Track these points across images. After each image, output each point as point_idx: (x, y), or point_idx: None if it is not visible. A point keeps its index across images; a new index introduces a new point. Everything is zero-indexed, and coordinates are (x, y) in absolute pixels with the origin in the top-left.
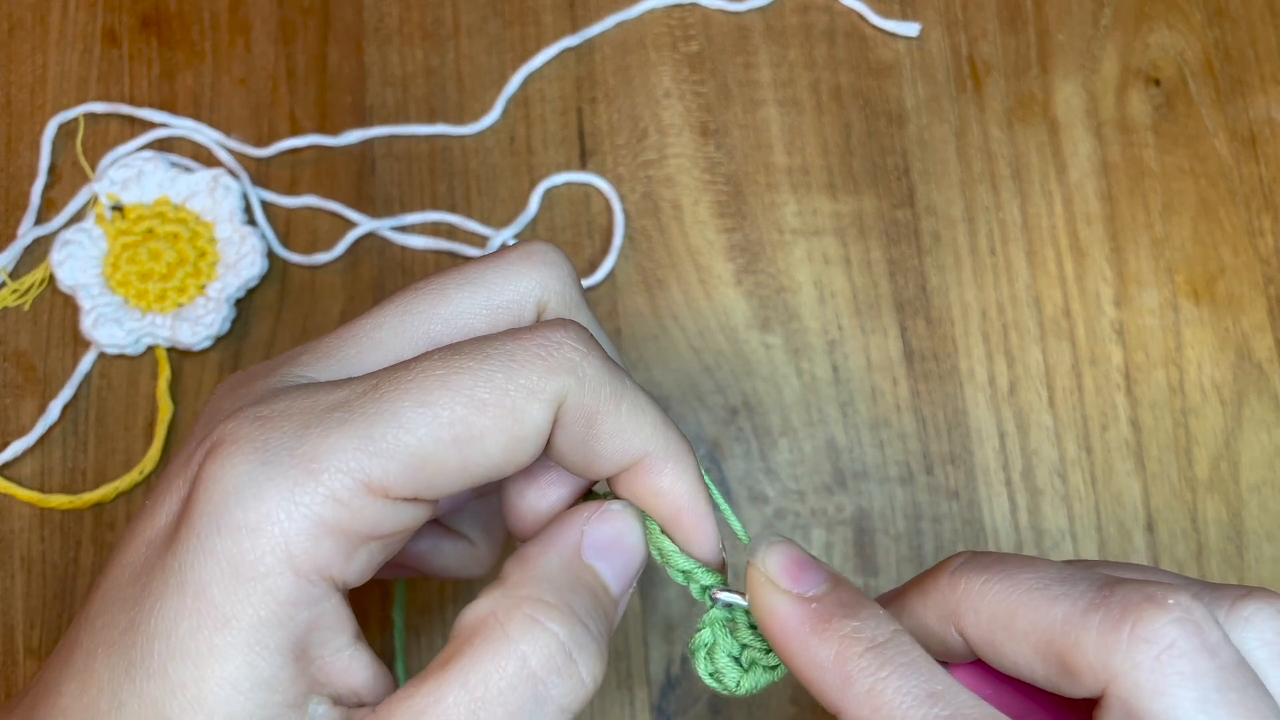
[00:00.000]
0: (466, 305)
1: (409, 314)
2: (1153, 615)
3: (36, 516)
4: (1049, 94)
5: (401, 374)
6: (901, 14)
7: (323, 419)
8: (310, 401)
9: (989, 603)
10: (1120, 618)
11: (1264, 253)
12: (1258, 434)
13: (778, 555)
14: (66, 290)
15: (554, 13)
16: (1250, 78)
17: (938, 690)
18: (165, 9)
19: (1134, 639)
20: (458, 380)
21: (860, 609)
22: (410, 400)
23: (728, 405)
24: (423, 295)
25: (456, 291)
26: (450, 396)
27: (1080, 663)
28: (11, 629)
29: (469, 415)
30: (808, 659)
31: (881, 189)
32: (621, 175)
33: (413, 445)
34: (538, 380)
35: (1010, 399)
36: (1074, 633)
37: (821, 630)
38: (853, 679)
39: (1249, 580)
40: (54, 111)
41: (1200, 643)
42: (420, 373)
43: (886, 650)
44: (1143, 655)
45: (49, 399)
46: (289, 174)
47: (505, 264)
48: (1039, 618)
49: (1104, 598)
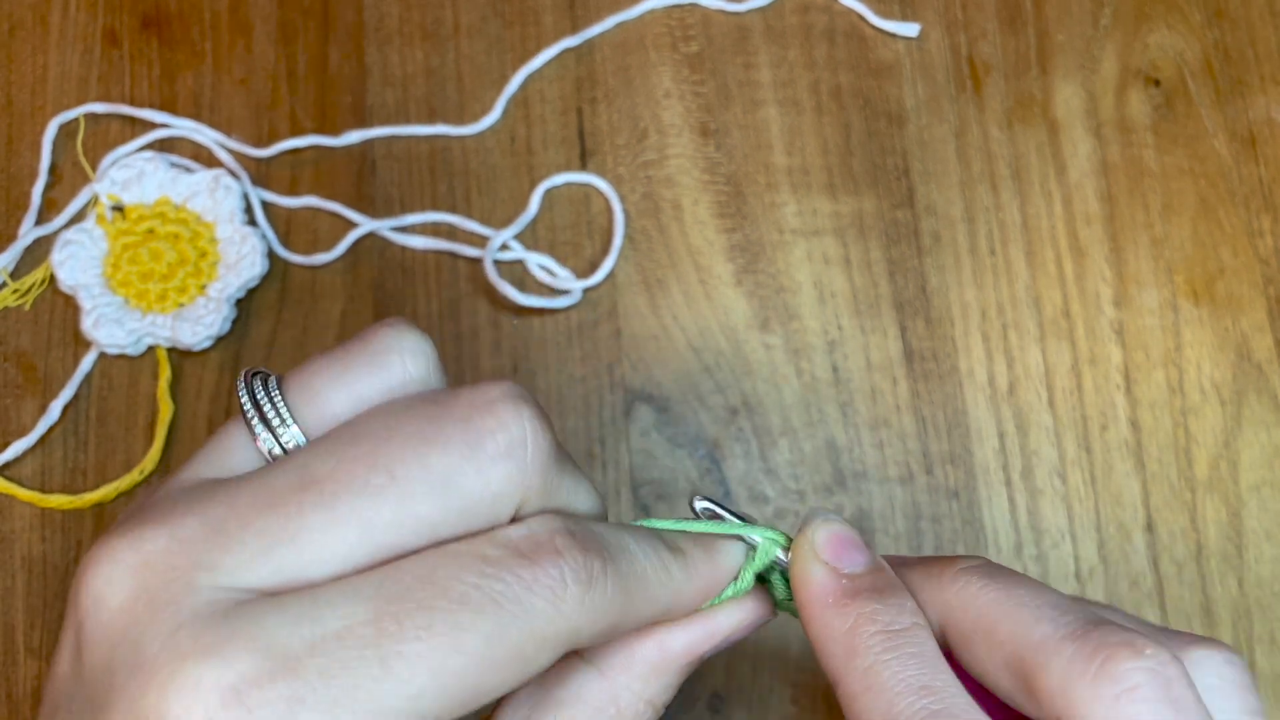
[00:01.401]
0: (435, 518)
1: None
2: (1125, 657)
3: (37, 516)
4: (1049, 94)
5: (405, 631)
6: (901, 14)
7: (318, 694)
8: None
9: (979, 604)
10: (1094, 652)
11: (1263, 253)
12: (1257, 434)
13: (826, 531)
14: (67, 290)
15: (554, 13)
16: (1250, 78)
17: (934, 685)
18: (166, 9)
19: (1100, 674)
20: (469, 642)
21: (888, 595)
22: (420, 670)
23: (728, 405)
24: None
25: (423, 501)
26: (462, 663)
27: (1043, 685)
28: (12, 629)
29: (481, 680)
30: (823, 625)
31: (881, 189)
32: (621, 175)
33: (421, 712)
34: (549, 629)
35: (1010, 399)
36: (1046, 654)
37: (844, 604)
38: (857, 653)
39: (1248, 580)
40: (54, 112)
41: (1165, 695)
42: (427, 632)
43: (898, 637)
44: (1104, 690)
45: (50, 399)
46: (289, 174)
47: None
48: (1020, 631)
49: (1085, 631)
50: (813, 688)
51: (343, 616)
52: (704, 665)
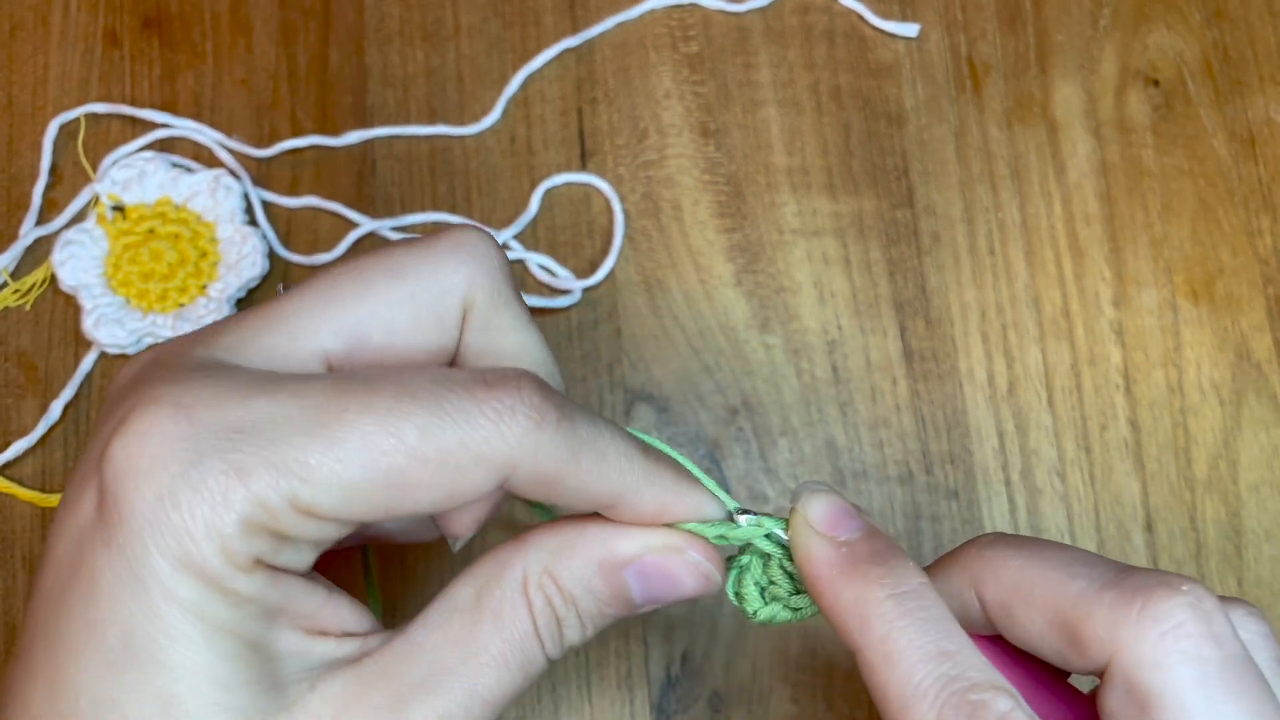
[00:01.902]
0: (390, 297)
1: (332, 302)
2: (1164, 596)
3: (38, 516)
4: (1048, 94)
5: (348, 402)
6: (901, 15)
7: (257, 427)
8: (243, 401)
9: (1011, 572)
10: (1132, 595)
11: (1263, 253)
12: (1256, 434)
13: (819, 502)
14: (68, 290)
15: (554, 13)
16: (1249, 78)
17: (949, 649)
18: (166, 10)
19: (1143, 616)
20: (403, 428)
21: (890, 558)
22: (352, 437)
23: (728, 405)
24: (346, 281)
25: (381, 282)
26: (393, 445)
27: (1089, 634)
28: (13, 629)
29: (408, 467)
30: (833, 598)
31: (881, 189)
32: (622, 176)
33: (345, 480)
34: (486, 447)
35: (1009, 399)
36: (1087, 606)
37: (848, 572)
38: (870, 622)
39: (1247, 579)
40: (55, 112)
41: (1208, 629)
42: (369, 409)
43: (907, 601)
44: (1149, 631)
45: (50, 399)
46: (290, 174)
47: (432, 255)
48: (1056, 590)
49: (1121, 579)
50: (812, 687)
51: (303, 384)
52: (704, 664)
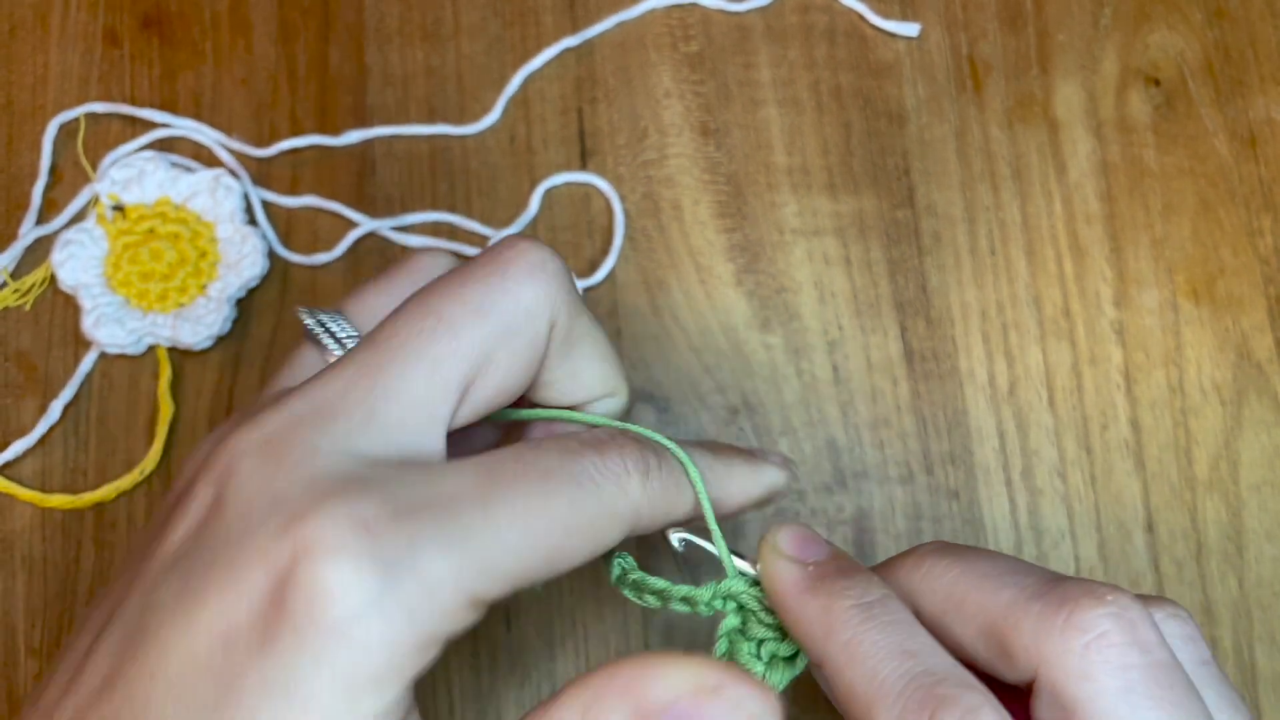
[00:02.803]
0: (483, 340)
1: (433, 361)
2: (1089, 605)
3: (37, 516)
4: (1049, 94)
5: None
6: (901, 14)
7: (434, 534)
8: (410, 503)
9: (944, 584)
10: (1059, 605)
11: (1264, 253)
12: (1257, 434)
13: (786, 531)
14: (68, 290)
15: (554, 13)
16: (1250, 78)
17: (913, 648)
18: (166, 9)
19: (1067, 626)
20: (555, 506)
21: (854, 574)
22: (517, 524)
23: (728, 405)
24: (439, 337)
25: (470, 328)
26: (548, 525)
27: (1016, 645)
28: (13, 629)
29: (563, 542)
30: (799, 613)
31: (881, 189)
32: (622, 175)
33: (515, 566)
34: (616, 506)
35: (1010, 399)
36: (1015, 616)
37: (814, 588)
38: (834, 630)
39: (1248, 580)
40: (55, 111)
41: (1132, 637)
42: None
43: (872, 609)
44: (1074, 641)
45: (50, 399)
46: (290, 174)
47: (512, 284)
48: (987, 600)
49: (1049, 588)
50: (812, 688)
51: (453, 482)
52: None
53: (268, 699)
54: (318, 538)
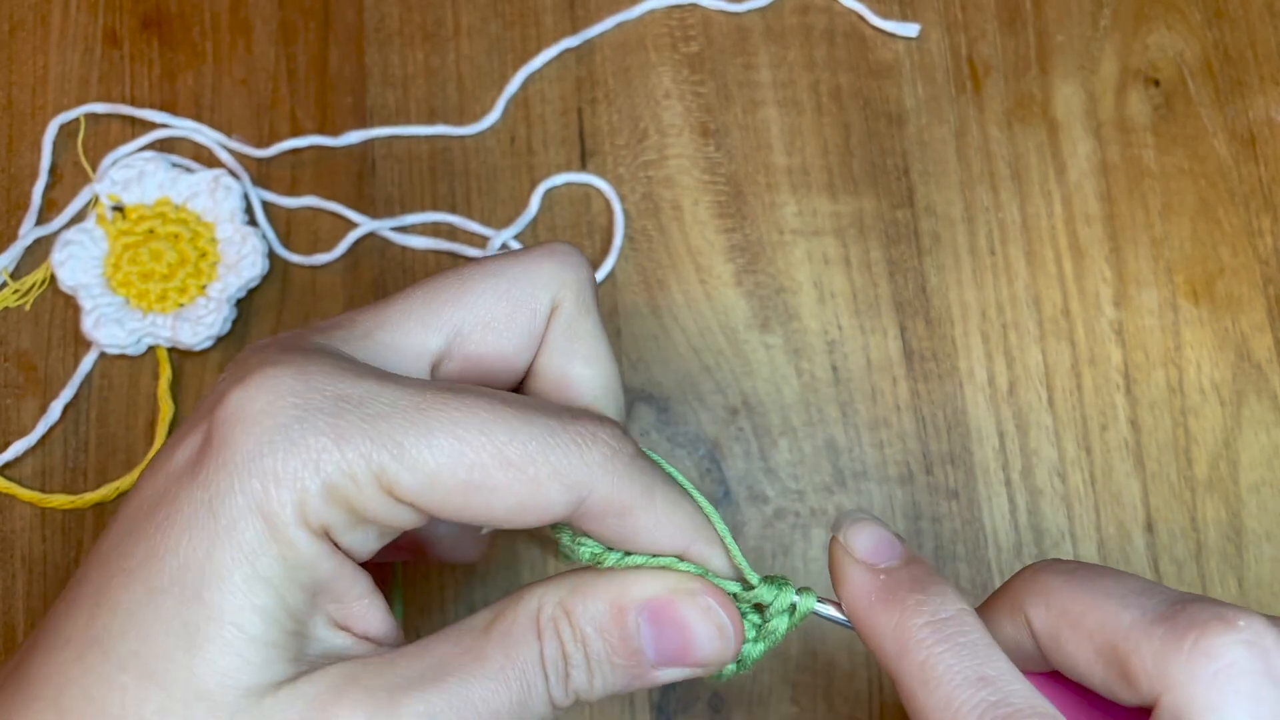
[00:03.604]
0: (488, 294)
1: (436, 303)
2: (1219, 631)
3: (38, 516)
4: (1048, 94)
5: (449, 399)
6: (901, 15)
7: (362, 403)
8: (354, 379)
9: (1062, 597)
10: (1185, 630)
11: (1263, 253)
12: (1257, 434)
13: (858, 529)
14: (68, 290)
15: (554, 13)
16: (1249, 78)
17: (989, 675)
18: (166, 10)
19: (1195, 652)
20: (494, 429)
21: (929, 585)
22: (446, 428)
23: (728, 405)
24: (449, 283)
25: (479, 281)
26: (481, 441)
27: (1137, 667)
28: (13, 629)
29: (491, 466)
30: (871, 625)
31: (881, 189)
32: (622, 176)
33: (431, 466)
34: (566, 466)
35: (1010, 399)
36: (1137, 638)
37: (887, 600)
38: (909, 649)
39: (1248, 580)
40: (55, 112)
41: (1265, 667)
42: (465, 407)
43: (947, 626)
44: (1202, 669)
45: (50, 399)
46: (290, 174)
47: (527, 257)
48: (1107, 619)
49: (1175, 611)
50: (812, 687)
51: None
52: None
53: (196, 521)
54: (256, 373)
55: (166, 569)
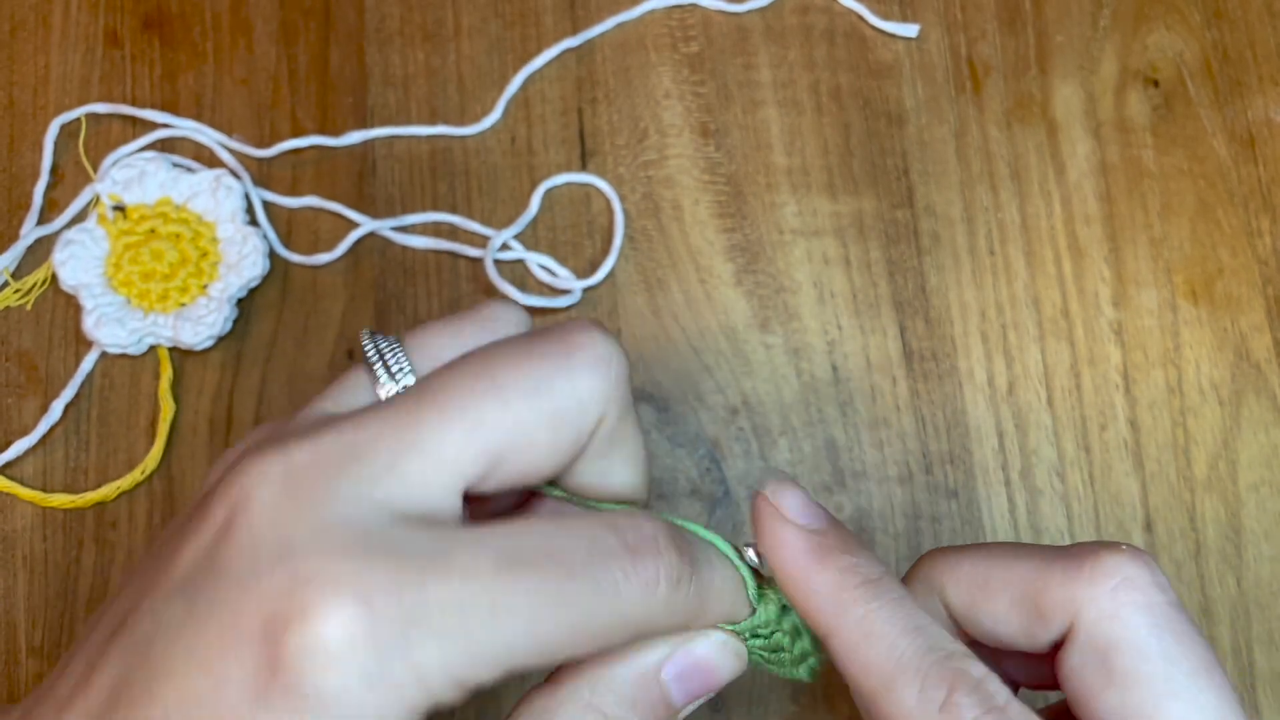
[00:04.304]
0: (531, 417)
1: (475, 425)
2: (1109, 554)
3: (38, 516)
4: (1048, 95)
5: (516, 586)
6: (901, 15)
7: (432, 619)
8: (415, 577)
9: (966, 569)
10: (1081, 559)
11: (1262, 253)
12: (1256, 434)
13: (788, 492)
14: (69, 290)
15: (554, 14)
16: (1249, 79)
17: (921, 625)
18: (167, 10)
19: (1095, 573)
20: (567, 611)
21: (857, 548)
22: (521, 623)
23: (728, 405)
24: (489, 401)
25: (521, 401)
26: (555, 626)
27: (1048, 603)
28: (14, 628)
29: (567, 644)
30: (809, 586)
31: (881, 189)
32: (622, 176)
33: (509, 660)
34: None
35: (1009, 399)
36: (1043, 579)
37: (823, 560)
38: (847, 607)
39: (1247, 579)
40: (56, 112)
41: (1151, 579)
42: (533, 593)
43: (879, 585)
44: (1102, 586)
45: (51, 398)
46: (290, 174)
47: (573, 370)
48: (1010, 574)
49: (1068, 552)
50: (812, 687)
51: (468, 558)
52: None
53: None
54: (317, 604)
55: None
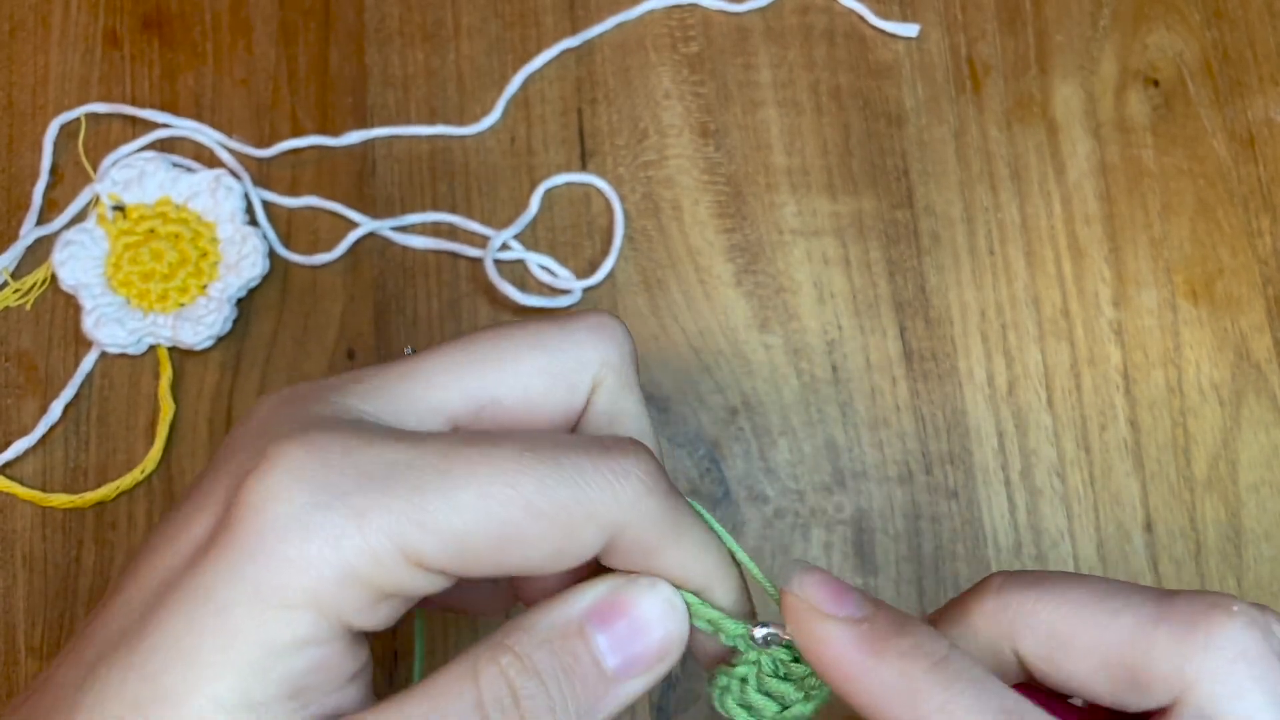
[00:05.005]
0: (528, 364)
1: (470, 364)
2: (1223, 622)
3: (38, 515)
4: (1048, 95)
5: (471, 453)
6: (901, 15)
7: (382, 473)
8: (371, 449)
9: (1044, 620)
10: (1191, 626)
11: (1262, 253)
12: (1256, 434)
13: (815, 581)
14: (68, 290)
15: (554, 14)
16: (1248, 78)
17: (1010, 707)
18: (167, 10)
19: (1209, 645)
20: (522, 482)
21: (914, 627)
22: (472, 486)
23: (728, 405)
24: (485, 346)
25: (519, 349)
26: (510, 495)
27: (1152, 673)
28: (13, 628)
29: (522, 520)
30: (870, 682)
31: (881, 189)
32: (622, 176)
33: (459, 529)
34: (600, 507)
35: (1009, 399)
36: (1142, 645)
37: (880, 650)
38: (922, 697)
39: (1246, 579)
40: (56, 112)
41: (1268, 648)
42: (489, 460)
43: (950, 666)
44: (1218, 659)
45: (51, 398)
46: (290, 174)
47: (570, 330)
48: (1103, 634)
49: (1166, 609)
50: None
51: (430, 438)
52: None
53: (187, 604)
54: (272, 455)
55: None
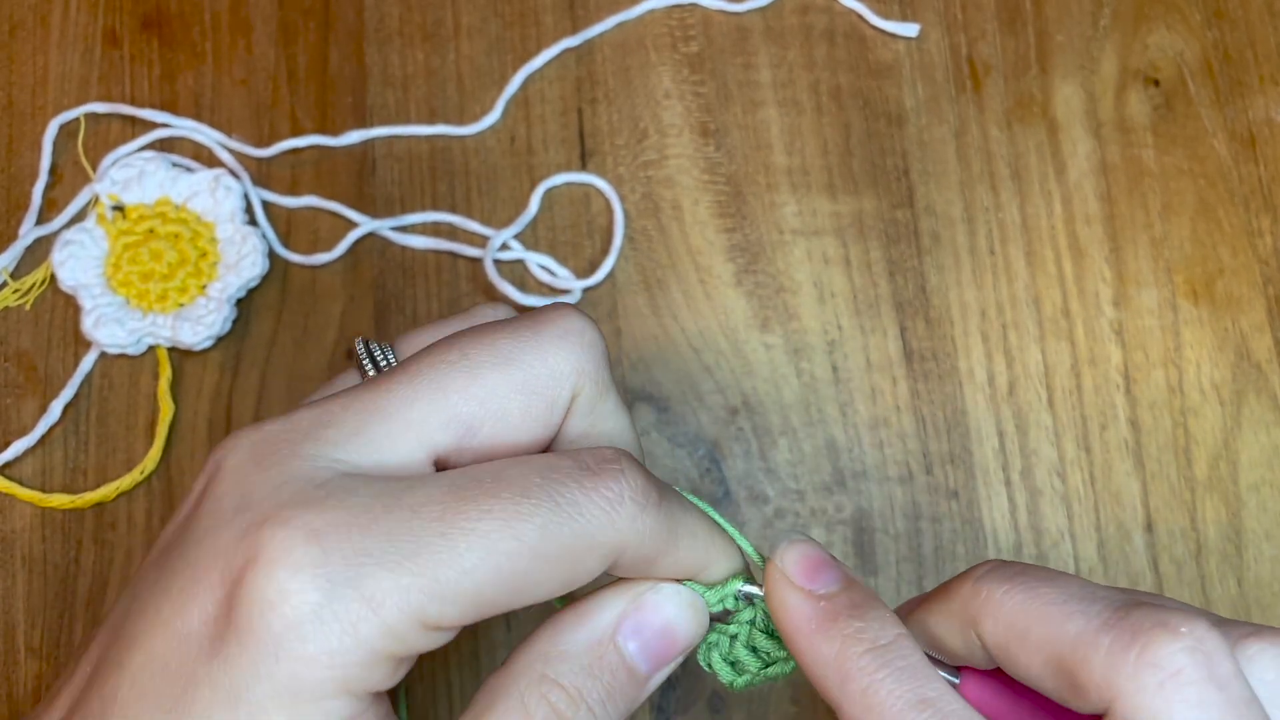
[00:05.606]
0: (501, 387)
1: (442, 393)
2: (1163, 640)
3: (38, 516)
4: (1048, 94)
5: (469, 510)
6: (901, 14)
7: (384, 549)
8: (366, 516)
9: (1007, 612)
10: (1130, 640)
11: (1263, 253)
12: (1256, 434)
13: (796, 553)
14: (68, 290)
15: (554, 13)
16: (1249, 78)
17: (929, 696)
18: (166, 10)
19: (1141, 662)
20: (525, 531)
21: (868, 610)
22: (477, 546)
23: (728, 405)
24: (458, 373)
25: (490, 372)
26: (515, 547)
27: (1087, 680)
28: (13, 628)
29: (529, 567)
30: (812, 655)
31: (881, 189)
32: (622, 176)
33: (470, 590)
34: (600, 537)
35: (1009, 399)
36: (1084, 650)
37: (827, 628)
38: (850, 677)
39: (1247, 580)
40: (55, 112)
41: (1209, 673)
42: (488, 514)
43: (887, 653)
44: (1149, 679)
45: (50, 399)
46: (290, 174)
47: (542, 343)
48: (1053, 632)
49: (1118, 619)
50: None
51: (420, 495)
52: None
53: (217, 705)
54: (269, 546)
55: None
